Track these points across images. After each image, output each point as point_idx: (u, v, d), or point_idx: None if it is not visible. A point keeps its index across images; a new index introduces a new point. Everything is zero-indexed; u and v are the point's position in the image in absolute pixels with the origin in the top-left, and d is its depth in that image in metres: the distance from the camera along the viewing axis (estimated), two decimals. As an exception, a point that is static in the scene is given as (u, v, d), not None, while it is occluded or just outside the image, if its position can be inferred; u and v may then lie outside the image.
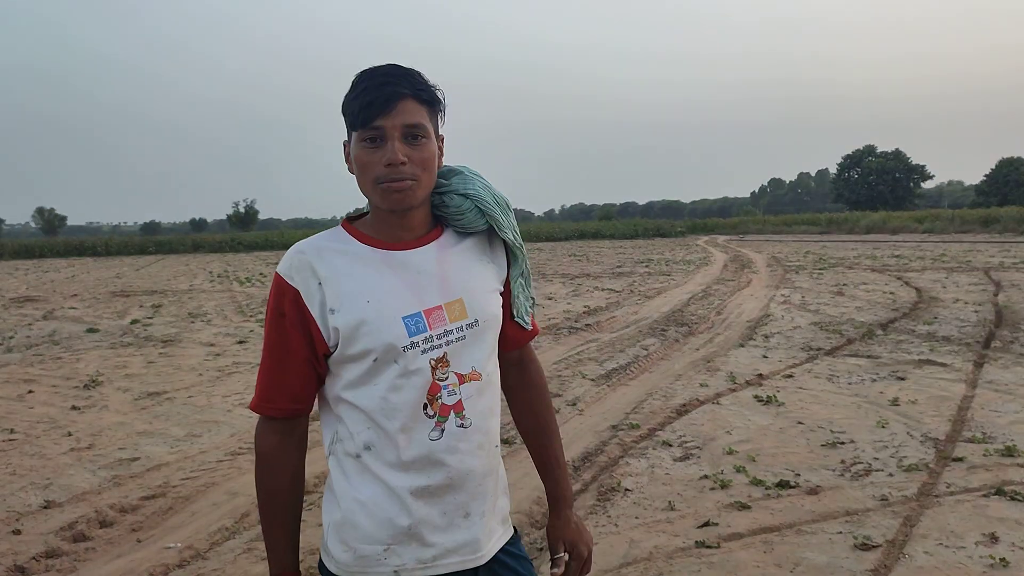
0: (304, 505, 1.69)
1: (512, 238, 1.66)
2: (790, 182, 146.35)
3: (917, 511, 4.15)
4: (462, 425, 1.53)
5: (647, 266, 23.03)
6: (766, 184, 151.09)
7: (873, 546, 3.73)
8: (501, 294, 1.66)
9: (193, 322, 13.15)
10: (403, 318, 1.48)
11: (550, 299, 14.85)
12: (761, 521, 4.09)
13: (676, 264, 23.42)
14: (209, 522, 4.33)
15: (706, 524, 4.07)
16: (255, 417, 1.59)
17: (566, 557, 1.74)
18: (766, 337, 9.67)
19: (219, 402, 7.17)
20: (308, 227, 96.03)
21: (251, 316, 13.68)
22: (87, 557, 3.98)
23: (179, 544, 4.04)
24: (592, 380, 7.59)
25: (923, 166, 73.09)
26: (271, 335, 1.51)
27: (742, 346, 9.13)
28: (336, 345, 1.48)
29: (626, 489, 4.62)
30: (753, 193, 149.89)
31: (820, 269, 19.42)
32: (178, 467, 5.32)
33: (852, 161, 75.89)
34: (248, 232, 63.39)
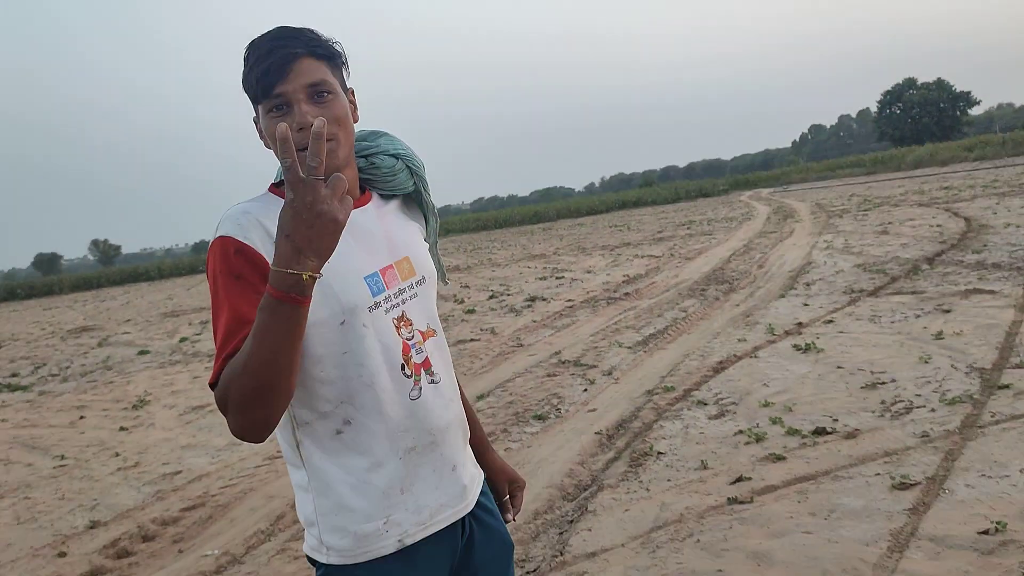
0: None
1: (430, 200, 1.65)
2: (831, 126, 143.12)
3: (960, 444, 3.99)
4: (433, 381, 1.51)
5: (688, 228, 22.72)
6: (807, 131, 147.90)
7: (912, 484, 3.60)
8: None
9: (239, 334, 13.33)
10: (364, 278, 1.44)
11: (589, 272, 14.73)
12: (796, 471, 3.98)
13: (718, 223, 23.06)
14: (246, 527, 4.37)
15: (739, 480, 3.97)
16: None
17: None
18: (807, 285, 9.45)
19: (261, 409, 7.25)
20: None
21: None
22: (130, 572, 4.05)
23: (217, 551, 4.08)
24: (629, 348, 7.49)
25: (968, 92, 70.72)
26: (231, 299, 1.34)
27: (783, 296, 8.94)
28: None
29: (659, 452, 4.54)
30: (794, 142, 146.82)
31: (864, 211, 18.92)
32: (218, 476, 5.39)
33: (893, 97, 73.78)
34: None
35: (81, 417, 7.99)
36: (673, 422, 5.08)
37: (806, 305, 8.23)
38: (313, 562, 1.50)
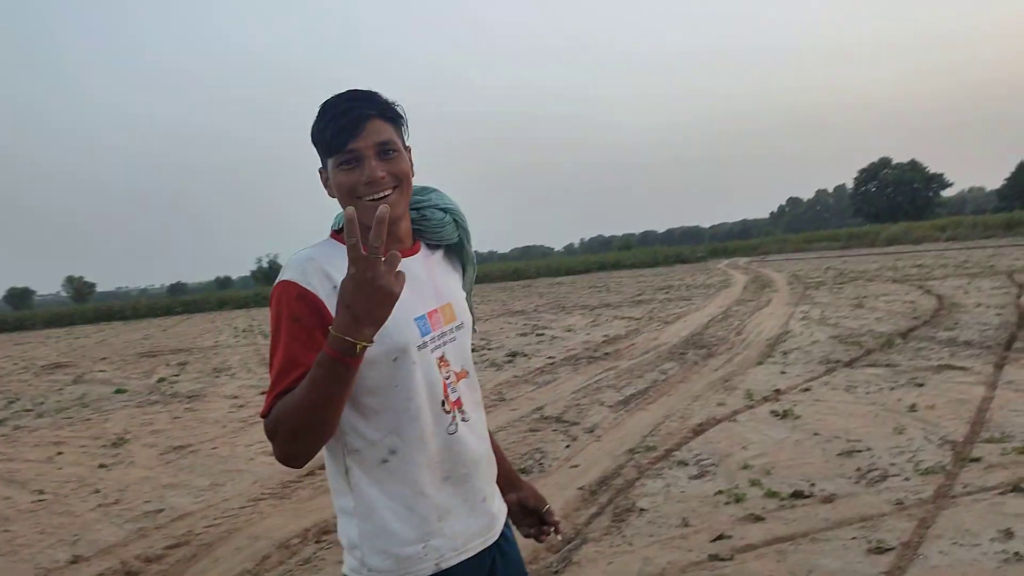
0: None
1: (471, 252, 1.83)
2: (808, 200, 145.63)
3: (933, 513, 4.14)
4: (464, 419, 1.65)
5: (667, 292, 23.01)
6: (784, 204, 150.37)
7: (887, 549, 3.73)
8: None
9: (218, 377, 13.32)
10: (415, 319, 1.59)
11: (569, 331, 14.89)
12: (775, 531, 4.10)
13: (696, 289, 23.38)
14: (231, 567, 4.40)
15: (720, 537, 4.08)
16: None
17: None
18: (785, 353, 9.65)
19: (242, 451, 7.27)
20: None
21: (275, 367, 13.81)
22: (113, 607, 4.06)
23: (202, 589, 4.11)
24: (610, 407, 7.61)
25: (941, 175, 72.50)
26: (287, 341, 1.48)
27: (760, 364, 9.12)
28: None
29: (641, 509, 4.65)
30: (772, 213, 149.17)
31: (840, 283, 19.32)
32: (202, 516, 5.40)
33: (868, 175, 75.47)
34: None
35: (59, 453, 7.95)
36: (655, 480, 5.19)
37: (783, 373, 8.41)
38: None
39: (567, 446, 6.30)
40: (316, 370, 1.38)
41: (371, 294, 1.32)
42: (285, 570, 4.28)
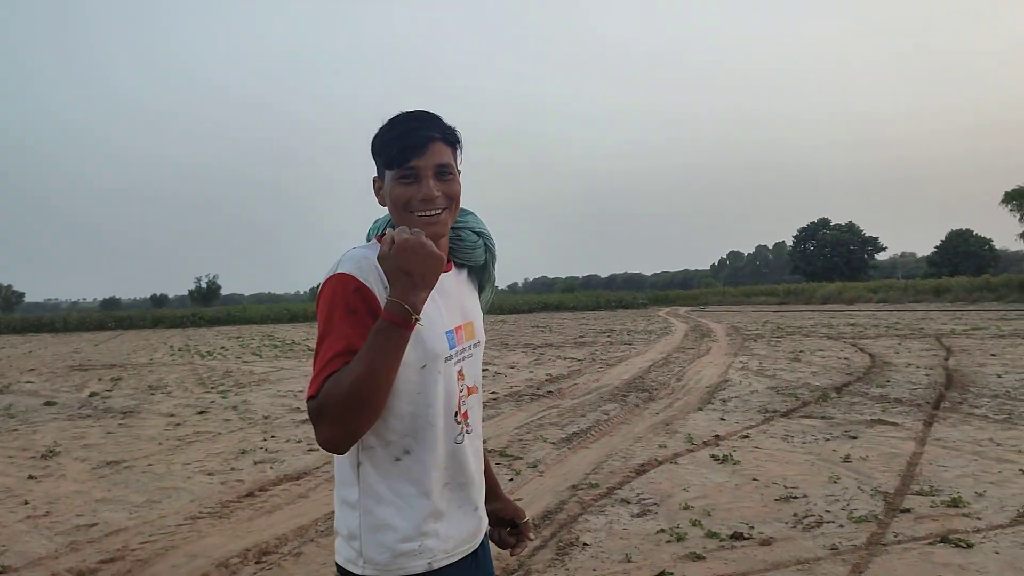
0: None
1: (494, 275, 1.95)
2: (748, 254, 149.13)
3: (866, 559, 4.28)
4: (469, 432, 1.75)
5: (609, 336, 23.26)
6: (725, 256, 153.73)
7: (822, 591, 3.84)
8: None
9: (153, 394, 13.03)
10: (445, 332, 1.69)
11: (512, 368, 14.96)
12: (715, 570, 4.19)
13: (638, 334, 23.69)
14: (168, 583, 4.32)
15: (661, 574, 4.15)
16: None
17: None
18: (724, 401, 9.85)
19: (179, 470, 7.12)
20: (272, 302, 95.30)
21: (212, 388, 13.58)
22: (43, 620, 3.95)
23: (138, 605, 4.02)
24: (553, 443, 7.67)
25: (876, 238, 75.10)
26: (343, 328, 1.54)
27: (700, 410, 9.30)
28: None
29: (584, 544, 4.70)
30: (713, 265, 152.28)
31: (777, 337, 19.79)
32: (137, 532, 5.28)
33: (807, 234, 77.77)
34: (210, 308, 62.85)
35: (-16, 462, 7.69)
36: (598, 516, 5.25)
37: (723, 419, 8.59)
38: (344, 574, 1.67)
39: (510, 479, 6.33)
40: (373, 337, 1.49)
41: (425, 257, 1.49)
42: (225, 589, 4.22)
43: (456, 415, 1.71)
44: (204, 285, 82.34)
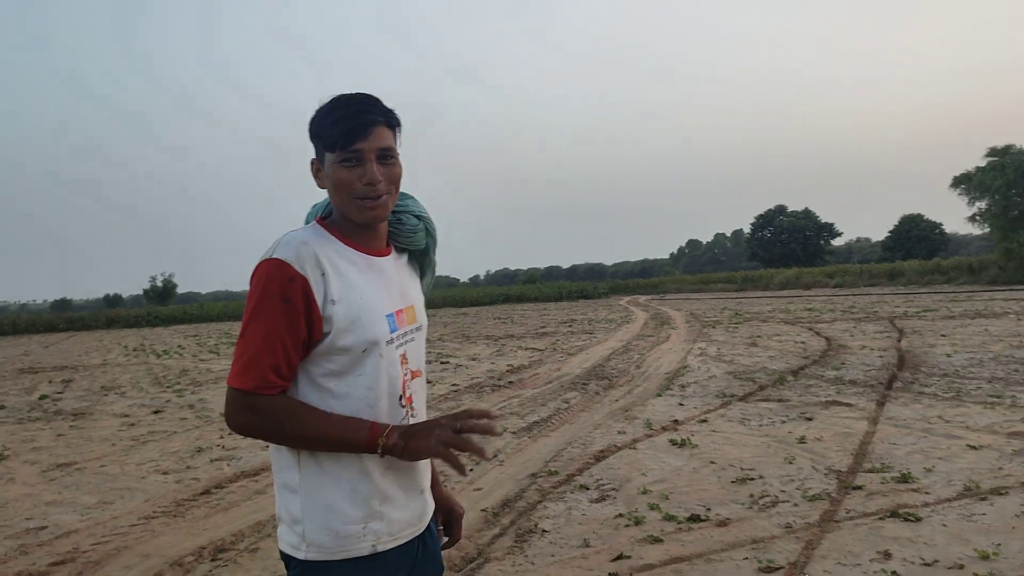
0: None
1: (434, 260, 1.93)
2: (707, 243, 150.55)
3: (819, 535, 4.34)
4: (413, 415, 1.74)
5: (570, 326, 23.34)
6: (684, 245, 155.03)
7: (776, 568, 3.90)
8: None
9: (106, 395, 12.79)
10: (385, 316, 1.68)
11: (474, 360, 14.94)
12: (672, 552, 4.22)
13: (598, 323, 23.80)
14: (121, 584, 4.24)
15: (619, 557, 4.17)
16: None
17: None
18: (683, 387, 9.93)
19: (133, 470, 7.00)
20: (228, 299, 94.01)
21: (168, 387, 13.38)
22: (-10, 625, 3.86)
23: (89, 606, 3.94)
24: (513, 433, 7.67)
25: (831, 224, 76.19)
26: (271, 318, 1.55)
27: (659, 396, 9.36)
28: (328, 334, 1.60)
29: (543, 530, 4.71)
30: (672, 254, 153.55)
31: (736, 323, 20.01)
32: (88, 533, 5.18)
33: (765, 221, 78.66)
34: (166, 306, 61.86)
35: (-70, 467, 7.48)
36: (557, 503, 5.27)
37: (681, 405, 8.66)
38: (288, 561, 1.65)
39: (470, 469, 6.32)
40: (341, 431, 1.57)
41: (437, 444, 1.58)
42: (179, 587, 4.16)
43: (400, 399, 1.69)
44: (159, 284, 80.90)
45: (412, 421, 1.73)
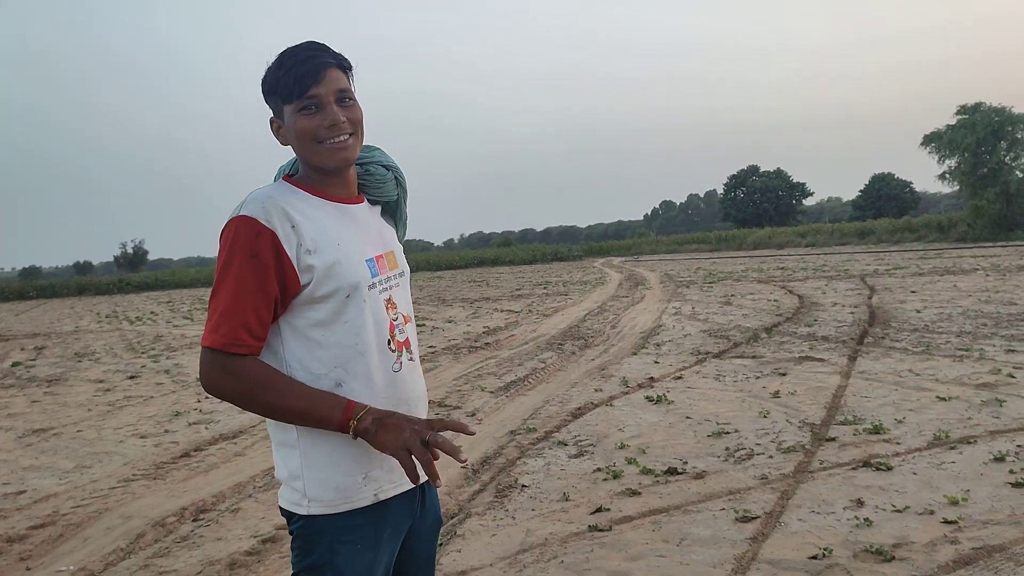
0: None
1: (406, 210, 1.92)
2: (680, 204, 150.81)
3: (793, 486, 4.43)
4: (411, 359, 1.74)
5: (545, 288, 23.40)
6: (658, 207, 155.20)
7: (753, 518, 3.98)
8: None
9: (80, 361, 12.69)
10: (366, 260, 1.66)
11: (450, 322, 14.96)
12: (650, 504, 4.30)
13: (573, 285, 23.88)
14: (103, 545, 4.25)
15: (598, 510, 4.24)
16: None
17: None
18: (658, 345, 10.03)
19: (110, 434, 6.97)
20: (201, 265, 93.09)
21: (143, 353, 13.29)
22: (-28, 588, 3.86)
23: (72, 567, 3.96)
24: (491, 392, 7.73)
25: (803, 184, 76.53)
26: (242, 276, 1.53)
27: (635, 354, 9.45)
28: (308, 284, 1.58)
29: (523, 485, 4.77)
30: (646, 215, 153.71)
31: (710, 283, 20.16)
32: (68, 497, 5.18)
33: (737, 181, 78.87)
34: (138, 273, 61.18)
35: (-98, 435, 7.41)
36: (536, 459, 5.33)
37: (657, 362, 8.75)
38: (290, 517, 1.65)
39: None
40: (317, 407, 1.55)
41: (402, 446, 1.51)
42: (161, 547, 4.17)
43: (389, 343, 1.68)
44: (130, 251, 79.95)
45: (407, 364, 1.71)
